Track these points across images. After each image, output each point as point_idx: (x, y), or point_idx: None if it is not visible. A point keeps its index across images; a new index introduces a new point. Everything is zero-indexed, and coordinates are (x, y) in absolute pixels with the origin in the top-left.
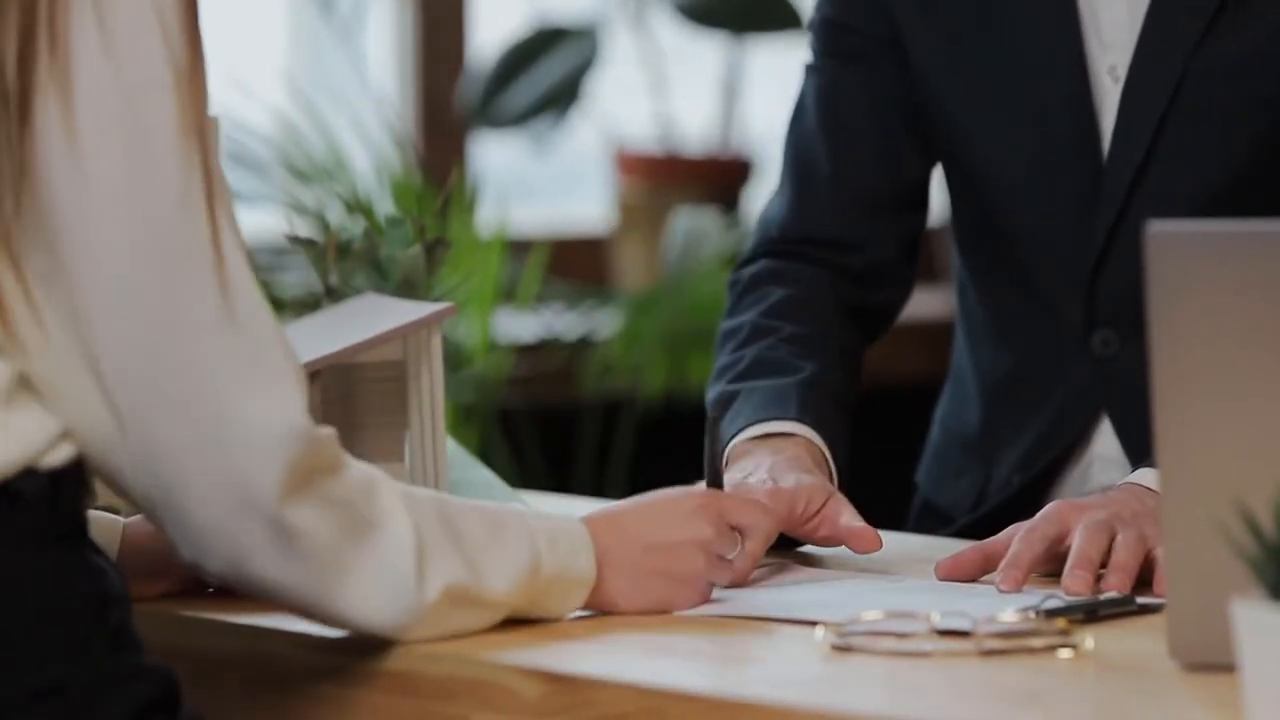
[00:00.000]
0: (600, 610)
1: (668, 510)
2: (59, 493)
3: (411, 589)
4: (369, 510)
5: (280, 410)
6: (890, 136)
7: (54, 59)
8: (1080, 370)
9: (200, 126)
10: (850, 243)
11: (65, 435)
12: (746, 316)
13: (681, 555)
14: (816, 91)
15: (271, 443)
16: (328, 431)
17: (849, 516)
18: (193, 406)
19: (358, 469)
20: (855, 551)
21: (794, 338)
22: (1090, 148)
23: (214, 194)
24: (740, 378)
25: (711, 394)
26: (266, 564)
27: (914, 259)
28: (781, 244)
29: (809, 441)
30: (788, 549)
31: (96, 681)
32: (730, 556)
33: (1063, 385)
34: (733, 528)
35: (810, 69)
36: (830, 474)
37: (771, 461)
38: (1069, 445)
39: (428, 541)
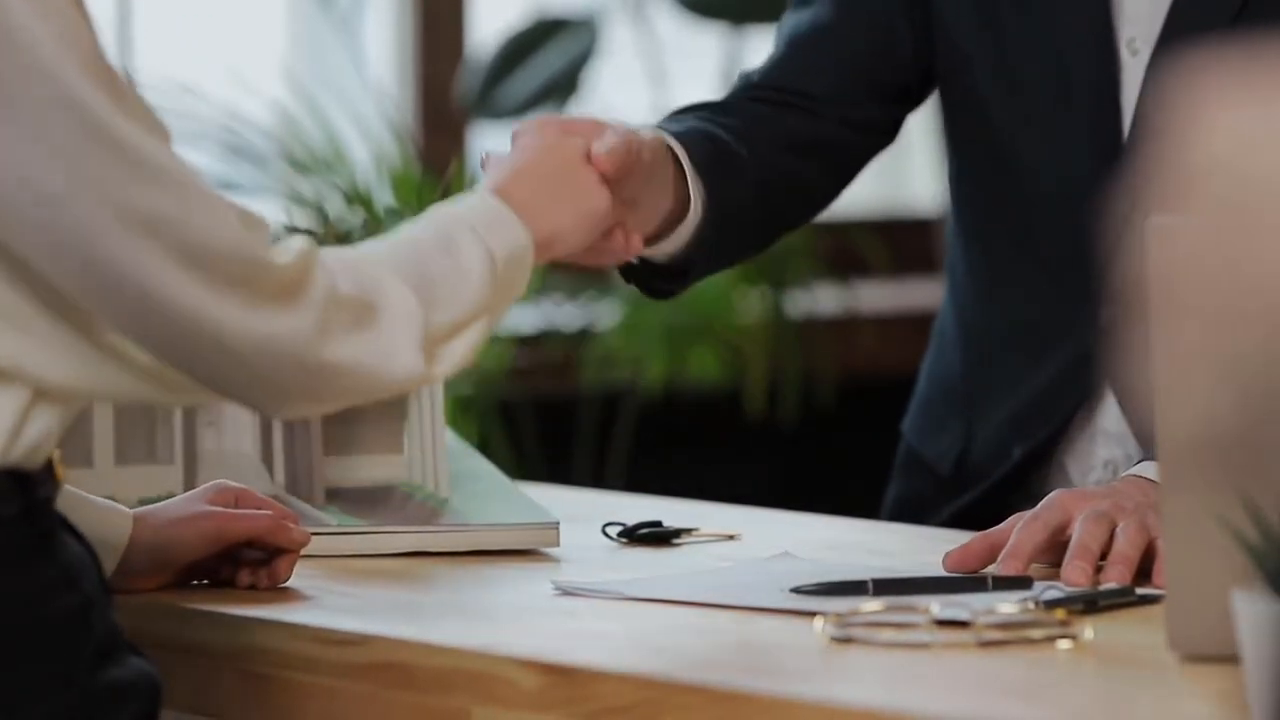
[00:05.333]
0: (548, 251)
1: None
2: (31, 499)
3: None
4: (373, 287)
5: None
6: (892, 21)
7: None
8: (1083, 341)
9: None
10: (820, 93)
11: (32, 408)
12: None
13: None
14: None
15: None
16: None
17: (610, 135)
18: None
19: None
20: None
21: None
22: (1109, 120)
23: (111, 82)
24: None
25: None
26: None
27: (885, 134)
28: (747, 89)
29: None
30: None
31: (83, 714)
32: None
33: (1063, 353)
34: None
35: None
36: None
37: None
38: (1069, 416)
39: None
